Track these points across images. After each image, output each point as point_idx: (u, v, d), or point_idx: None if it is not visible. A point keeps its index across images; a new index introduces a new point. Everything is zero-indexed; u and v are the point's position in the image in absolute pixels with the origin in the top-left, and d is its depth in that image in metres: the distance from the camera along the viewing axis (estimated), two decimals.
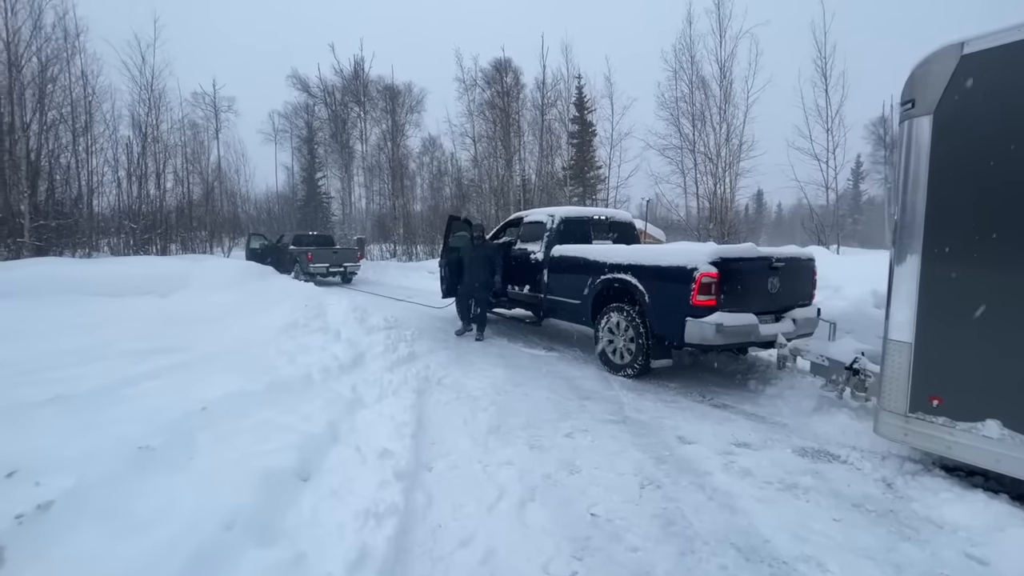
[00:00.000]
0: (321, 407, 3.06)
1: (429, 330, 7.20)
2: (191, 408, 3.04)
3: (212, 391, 3.35)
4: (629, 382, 4.76)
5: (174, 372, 4.01)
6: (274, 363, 4.15)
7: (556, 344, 6.49)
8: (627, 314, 4.81)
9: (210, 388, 3.44)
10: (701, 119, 16.46)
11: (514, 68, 24.80)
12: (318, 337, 5.49)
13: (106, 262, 10.29)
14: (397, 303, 10.42)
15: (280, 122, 33.13)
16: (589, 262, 5.32)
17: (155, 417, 2.90)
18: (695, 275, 4.14)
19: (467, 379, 4.68)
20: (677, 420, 3.74)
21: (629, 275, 4.79)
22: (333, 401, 3.17)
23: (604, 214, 6.59)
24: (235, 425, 2.79)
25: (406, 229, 24.23)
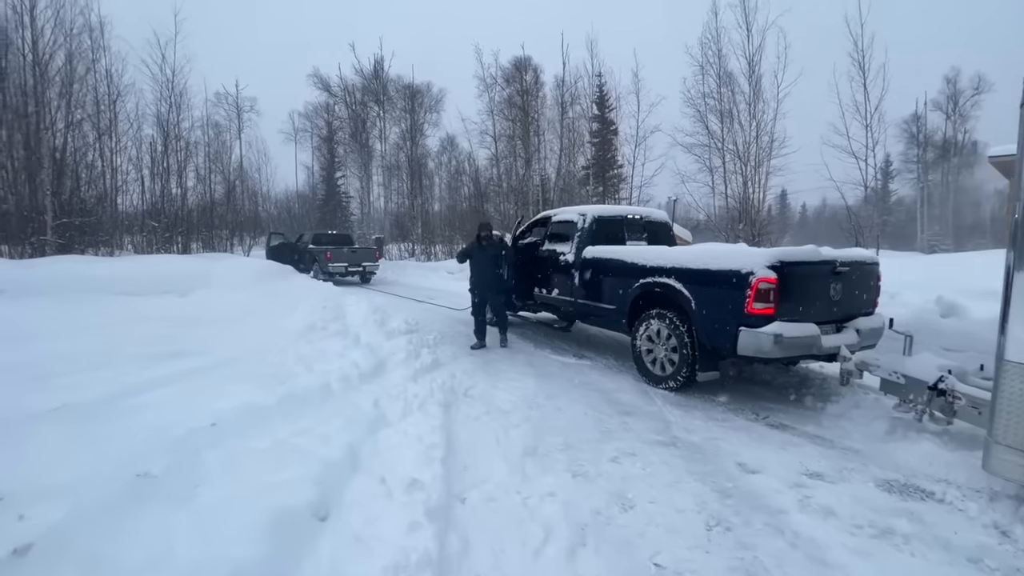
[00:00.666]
0: (341, 426, 2.75)
1: (452, 334, 6.89)
2: (200, 423, 2.77)
3: (224, 403, 3.07)
4: (672, 396, 4.37)
5: (186, 379, 3.76)
6: (291, 371, 3.88)
7: (586, 351, 6.12)
8: (670, 322, 4.42)
9: (222, 399, 3.17)
10: (729, 115, 15.87)
11: (534, 66, 24.45)
12: (337, 341, 5.22)
13: (127, 261, 10.25)
14: (417, 305, 10.15)
15: (300, 122, 33.38)
16: (626, 265, 4.93)
17: (161, 434, 2.63)
18: (751, 280, 3.73)
19: (496, 390, 4.34)
20: (733, 443, 3.34)
21: (673, 279, 4.39)
22: (354, 419, 2.86)
23: (639, 213, 6.19)
24: (246, 445, 2.49)
25: (424, 229, 24.04)
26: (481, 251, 6.10)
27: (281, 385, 3.45)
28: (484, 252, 6.09)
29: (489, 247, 6.10)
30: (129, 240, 14.84)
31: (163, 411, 3.03)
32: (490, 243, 6.14)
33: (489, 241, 6.15)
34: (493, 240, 6.27)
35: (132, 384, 3.60)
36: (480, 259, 6.12)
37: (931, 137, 29.65)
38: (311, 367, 3.99)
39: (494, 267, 6.10)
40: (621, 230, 5.94)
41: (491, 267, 6.08)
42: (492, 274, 6.08)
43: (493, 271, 6.09)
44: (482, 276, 6.11)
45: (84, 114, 13.55)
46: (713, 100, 16.22)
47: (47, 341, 5.14)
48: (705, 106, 16.39)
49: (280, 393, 3.24)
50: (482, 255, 6.10)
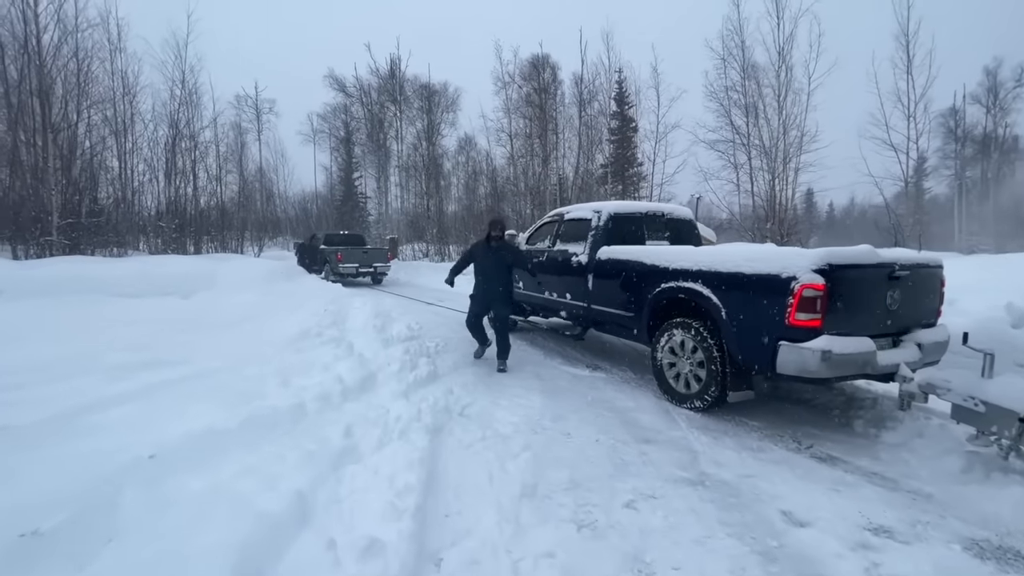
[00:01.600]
0: (297, 462, 2.30)
1: (456, 340, 6.42)
2: (138, 454, 2.36)
3: (177, 427, 2.67)
4: (698, 418, 3.81)
5: (153, 394, 3.40)
6: (265, 387, 3.47)
7: (601, 361, 5.58)
8: (695, 332, 3.87)
9: (177, 421, 2.77)
10: (754, 110, 15.05)
11: (552, 64, 23.92)
12: (328, 350, 4.81)
13: (132, 262, 10.10)
14: (425, 307, 9.75)
15: (318, 123, 33.42)
16: (646, 267, 4.39)
17: (87, 468, 2.23)
18: (794, 286, 3.17)
19: (496, 408, 3.85)
20: (775, 481, 2.79)
21: (699, 284, 3.84)
22: (315, 453, 2.41)
23: (660, 210, 5.63)
24: (179, 487, 2.06)
25: (439, 229, 23.72)
26: (490, 253, 5.15)
27: (247, 405, 3.03)
28: (494, 255, 5.13)
29: (500, 249, 5.16)
30: (143, 241, 14.85)
31: (108, 436, 2.65)
32: (501, 244, 5.21)
33: (500, 242, 5.21)
34: (505, 241, 5.33)
35: (92, 400, 3.24)
36: (488, 263, 5.17)
37: (970, 132, 28.04)
38: (288, 382, 3.57)
39: (505, 274, 5.17)
40: (640, 228, 5.40)
41: (501, 274, 5.14)
42: (501, 282, 5.14)
43: (503, 279, 5.16)
44: (489, 284, 5.15)
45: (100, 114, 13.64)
46: (737, 94, 15.44)
47: (29, 346, 4.86)
48: (728, 100, 15.62)
49: (244, 415, 2.82)
50: (491, 258, 5.15)
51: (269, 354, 4.62)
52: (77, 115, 12.26)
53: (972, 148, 29.00)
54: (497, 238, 5.21)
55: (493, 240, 5.19)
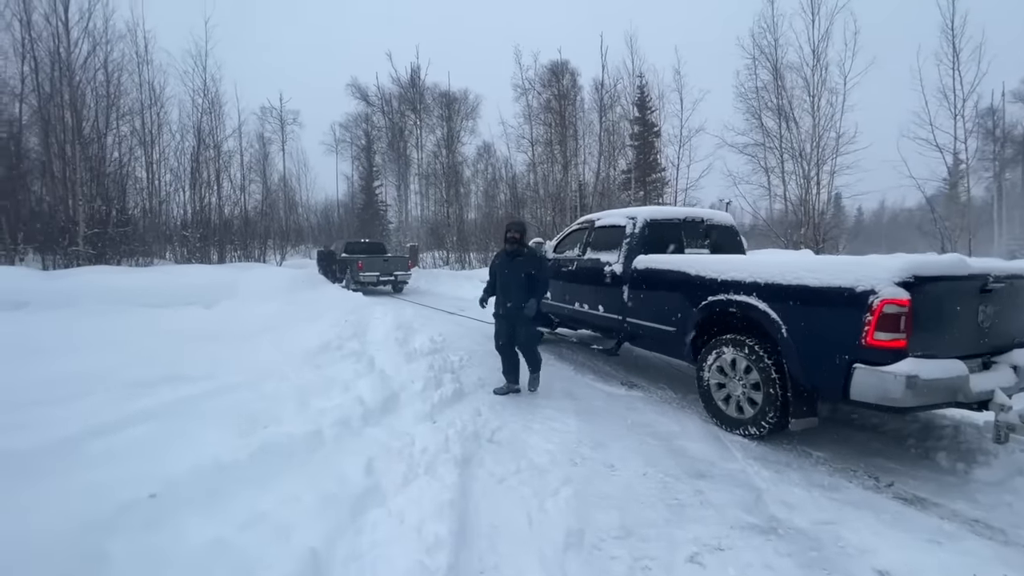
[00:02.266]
0: (313, 507, 2.02)
1: (480, 354, 6.13)
2: (139, 492, 2.11)
3: (184, 458, 2.43)
4: (754, 447, 3.42)
5: (167, 415, 3.17)
6: (281, 409, 3.21)
7: (636, 377, 5.22)
8: (750, 351, 3.49)
9: (185, 451, 2.53)
10: (787, 111, 14.45)
11: (571, 70, 23.72)
12: (348, 365, 4.56)
13: (156, 271, 10.11)
14: (447, 317, 9.50)
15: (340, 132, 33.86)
16: (690, 278, 4.03)
17: (82, 507, 1.99)
18: (872, 301, 2.78)
19: (529, 433, 3.53)
20: (859, 530, 2.39)
21: (754, 297, 3.46)
22: (334, 495, 2.12)
23: (700, 216, 5.26)
24: (176, 540, 1.80)
25: (459, 236, 23.58)
26: (508, 264, 4.49)
27: (262, 431, 2.78)
28: (512, 265, 4.46)
29: (518, 257, 4.46)
30: (170, 250, 15.04)
31: (111, 466, 2.42)
32: (519, 251, 4.48)
33: (518, 247, 4.48)
34: (527, 248, 4.61)
35: (103, 422, 3.02)
36: (507, 275, 4.48)
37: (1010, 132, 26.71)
38: (306, 403, 3.31)
39: (526, 288, 4.40)
40: (679, 236, 5.03)
41: (522, 287, 4.40)
42: (522, 297, 4.40)
43: (524, 293, 4.40)
44: (509, 299, 4.46)
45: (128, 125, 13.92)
46: (768, 94, 14.87)
47: (47, 361, 4.74)
48: (759, 101, 15.06)
49: (256, 444, 2.56)
50: (509, 269, 4.47)
51: (288, 370, 4.39)
52: (106, 126, 12.51)
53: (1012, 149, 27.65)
54: (514, 241, 4.48)
55: (510, 246, 4.50)
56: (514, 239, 4.50)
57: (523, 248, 4.54)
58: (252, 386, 3.92)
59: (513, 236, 4.50)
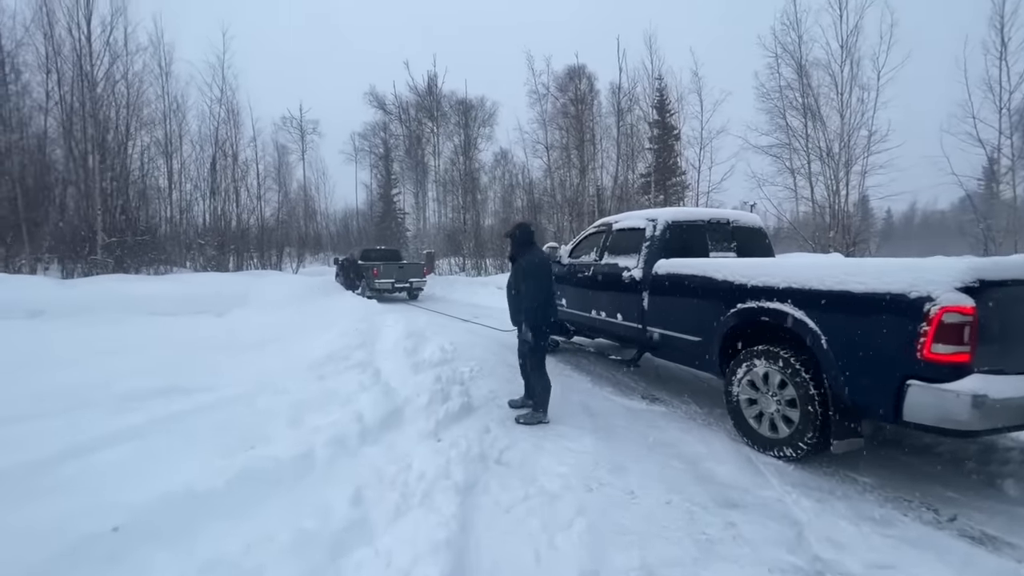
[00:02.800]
0: (287, 547, 1.78)
1: (493, 363, 5.88)
2: (103, 524, 1.90)
3: (156, 484, 2.23)
4: (791, 470, 3.08)
5: (148, 434, 2.99)
6: (272, 426, 3.01)
7: (658, 391, 4.88)
8: (784, 364, 3.15)
9: (160, 475, 2.34)
10: (813, 109, 13.89)
11: (588, 74, 23.53)
12: (353, 376, 4.36)
13: (169, 280, 10.15)
14: (460, 325, 9.27)
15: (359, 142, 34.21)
16: (717, 283, 3.71)
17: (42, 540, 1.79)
18: (929, 309, 2.43)
19: (540, 453, 3.25)
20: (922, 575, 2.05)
21: (789, 305, 3.13)
22: (311, 536, 1.87)
23: (725, 217, 4.92)
24: None
25: (476, 243, 23.45)
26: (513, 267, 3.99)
27: (247, 452, 2.57)
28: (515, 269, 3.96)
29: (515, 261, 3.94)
30: (189, 259, 15.24)
31: (81, 492, 2.24)
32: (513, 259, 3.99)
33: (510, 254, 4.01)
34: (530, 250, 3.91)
35: (85, 440, 2.87)
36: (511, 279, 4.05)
37: None
38: (300, 420, 3.10)
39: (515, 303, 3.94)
40: (703, 238, 4.71)
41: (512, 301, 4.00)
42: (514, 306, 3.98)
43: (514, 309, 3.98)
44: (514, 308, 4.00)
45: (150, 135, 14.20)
46: (793, 92, 14.32)
47: (48, 371, 4.65)
48: (783, 101, 14.51)
49: (237, 468, 2.34)
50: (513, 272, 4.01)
51: (289, 381, 4.20)
52: (127, 137, 12.74)
53: None
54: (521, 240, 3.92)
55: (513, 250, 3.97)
56: (524, 241, 3.93)
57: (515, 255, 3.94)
58: (248, 399, 3.75)
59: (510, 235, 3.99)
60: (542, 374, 3.92)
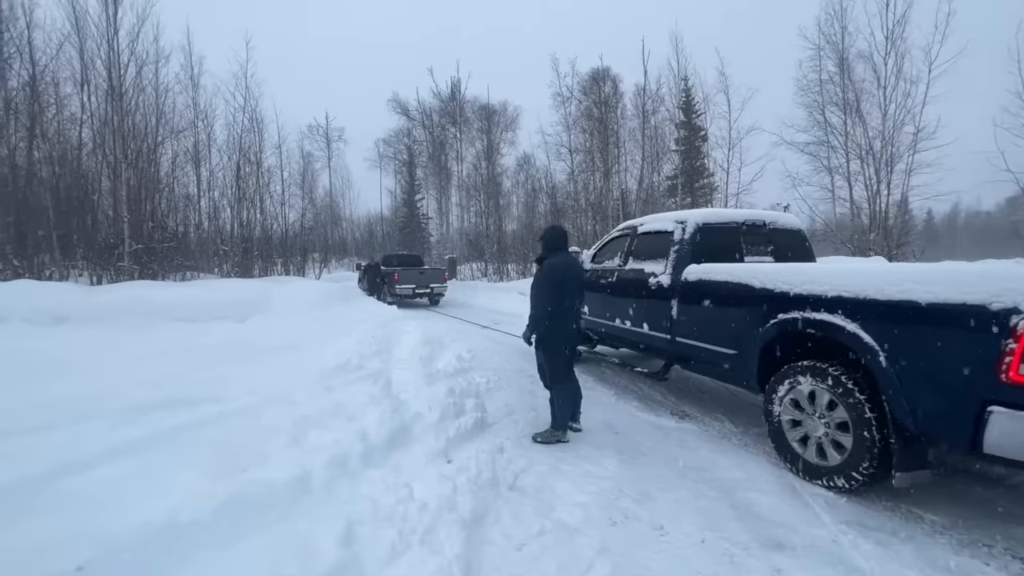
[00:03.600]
0: None
1: (511, 373, 5.62)
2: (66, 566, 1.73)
3: (139, 511, 2.05)
4: (844, 504, 2.71)
5: (147, 450, 2.84)
6: (272, 444, 2.82)
7: (688, 405, 4.54)
8: (834, 382, 2.80)
9: (146, 500, 2.16)
10: (855, 105, 13.15)
11: (612, 76, 23.20)
12: (363, 388, 4.17)
13: (192, 286, 10.27)
14: (480, 332, 9.05)
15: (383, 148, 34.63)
16: (755, 292, 3.37)
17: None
18: (1017, 324, 2.07)
19: (558, 477, 2.97)
20: None
21: (839, 316, 2.78)
22: None
23: (761, 219, 4.55)
24: None
25: (499, 247, 23.29)
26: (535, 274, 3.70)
27: (240, 475, 2.38)
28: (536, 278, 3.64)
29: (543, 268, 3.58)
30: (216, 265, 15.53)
31: (58, 518, 2.08)
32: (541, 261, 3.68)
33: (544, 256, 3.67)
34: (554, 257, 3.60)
35: (80, 456, 2.72)
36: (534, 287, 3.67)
37: None
38: (302, 438, 2.90)
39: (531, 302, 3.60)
40: (736, 242, 4.36)
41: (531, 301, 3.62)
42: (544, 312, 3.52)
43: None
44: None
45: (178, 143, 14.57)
46: (834, 87, 13.59)
47: (59, 379, 4.61)
48: (823, 95, 13.79)
49: (228, 493, 2.15)
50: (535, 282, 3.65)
51: (298, 393, 4.04)
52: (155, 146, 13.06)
53: None
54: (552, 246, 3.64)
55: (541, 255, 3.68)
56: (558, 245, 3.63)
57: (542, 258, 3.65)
58: (255, 412, 3.59)
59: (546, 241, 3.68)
60: (563, 386, 3.63)
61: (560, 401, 3.59)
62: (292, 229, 18.38)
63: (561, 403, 3.59)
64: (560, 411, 3.59)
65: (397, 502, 2.21)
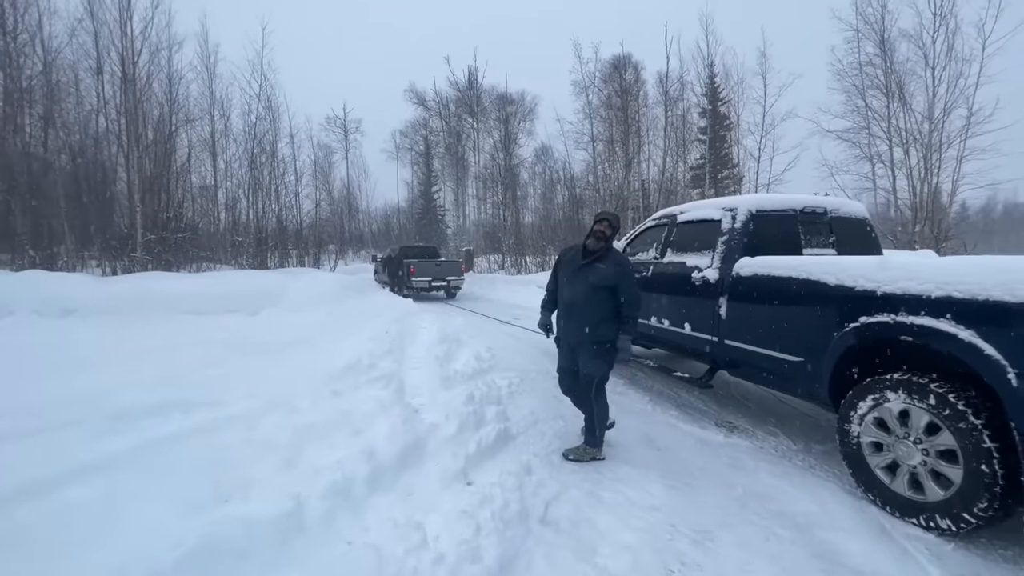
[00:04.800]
0: None
1: (534, 374, 5.18)
2: None
3: (90, 560, 1.66)
4: (950, 551, 2.21)
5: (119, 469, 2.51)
6: (262, 467, 2.42)
7: (734, 414, 4.05)
8: (939, 401, 2.28)
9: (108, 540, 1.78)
10: (898, 88, 12.26)
11: (635, 63, 22.40)
12: (372, 393, 3.78)
13: (204, 277, 10.05)
14: (500, 327, 8.62)
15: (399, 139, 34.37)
16: (828, 290, 2.86)
17: None
18: None
19: (597, 507, 2.52)
20: None
21: (947, 321, 2.26)
22: None
23: (822, 205, 3.98)
24: None
25: (516, 239, 22.82)
26: (578, 267, 3.08)
27: (221, 506, 1.99)
28: (585, 271, 3.05)
29: (601, 265, 3.02)
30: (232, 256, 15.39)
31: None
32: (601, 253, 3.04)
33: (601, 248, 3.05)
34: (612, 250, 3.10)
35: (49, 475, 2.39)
36: (575, 284, 3.09)
37: None
38: (297, 459, 2.51)
39: (597, 305, 3.01)
40: (794, 232, 3.83)
41: (591, 304, 3.02)
42: (589, 318, 3.02)
43: (593, 313, 3.01)
44: (571, 319, 3.10)
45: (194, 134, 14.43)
46: (875, 69, 12.71)
47: (53, 377, 4.32)
48: (862, 79, 12.92)
49: (201, 533, 1.76)
50: (579, 276, 3.07)
51: (302, 398, 3.66)
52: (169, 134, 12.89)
53: None
54: (601, 238, 3.03)
55: (593, 242, 3.04)
56: (602, 235, 3.03)
57: (607, 250, 3.06)
58: (251, 420, 3.22)
59: (602, 231, 3.03)
60: (604, 398, 3.19)
61: (603, 414, 3.14)
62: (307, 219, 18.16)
63: (603, 417, 3.14)
64: (601, 426, 3.13)
65: (407, 552, 1.78)
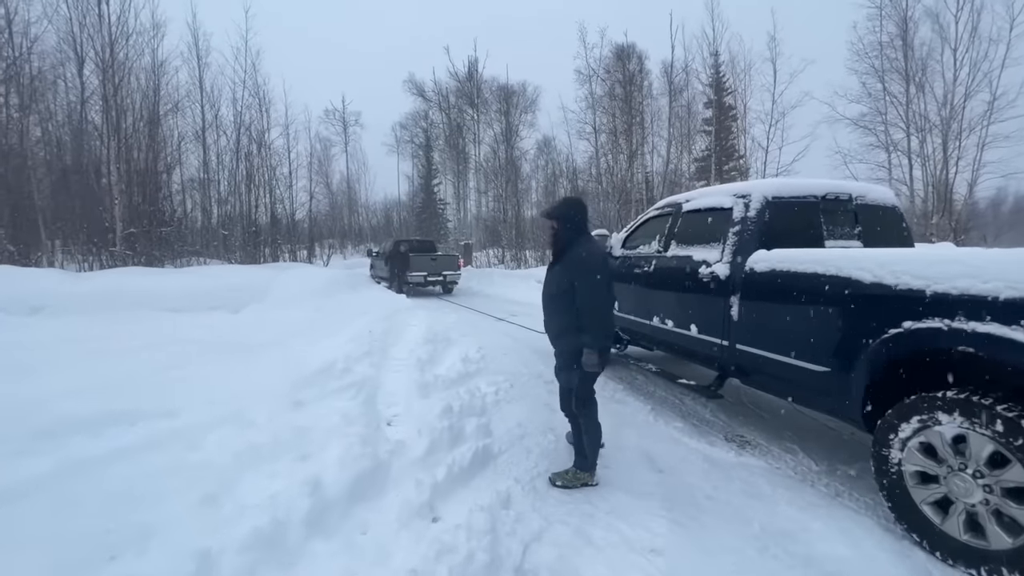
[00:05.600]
0: None
1: (526, 379, 4.76)
2: None
3: None
4: None
5: (11, 503, 2.06)
6: (179, 503, 2.01)
7: (744, 426, 3.62)
8: (1010, 428, 1.85)
9: None
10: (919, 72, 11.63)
11: (638, 53, 21.81)
12: (339, 404, 3.37)
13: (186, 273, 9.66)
14: (494, 324, 8.20)
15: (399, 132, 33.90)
16: (863, 288, 2.41)
17: None
18: None
19: (586, 554, 2.09)
20: None
21: (1019, 328, 1.81)
22: None
23: (846, 191, 3.51)
24: None
25: (517, 233, 22.36)
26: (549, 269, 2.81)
27: (102, 568, 1.58)
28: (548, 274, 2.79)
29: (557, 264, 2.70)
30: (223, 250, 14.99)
31: None
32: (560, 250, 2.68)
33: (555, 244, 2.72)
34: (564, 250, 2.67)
35: None
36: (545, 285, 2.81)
37: None
38: (227, 490, 2.10)
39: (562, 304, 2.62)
40: (815, 221, 3.37)
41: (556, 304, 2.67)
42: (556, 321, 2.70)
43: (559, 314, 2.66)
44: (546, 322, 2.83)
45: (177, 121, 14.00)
46: (895, 52, 12.06)
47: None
48: (883, 60, 12.26)
49: None
50: (547, 279, 2.79)
51: (259, 410, 3.25)
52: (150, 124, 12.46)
53: None
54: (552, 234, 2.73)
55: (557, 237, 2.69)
56: (552, 231, 2.69)
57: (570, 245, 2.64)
58: (192, 439, 2.81)
59: (551, 225, 2.70)
60: (593, 411, 2.75)
61: (593, 433, 2.70)
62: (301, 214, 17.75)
63: (593, 436, 2.70)
64: (592, 446, 2.70)
65: None
